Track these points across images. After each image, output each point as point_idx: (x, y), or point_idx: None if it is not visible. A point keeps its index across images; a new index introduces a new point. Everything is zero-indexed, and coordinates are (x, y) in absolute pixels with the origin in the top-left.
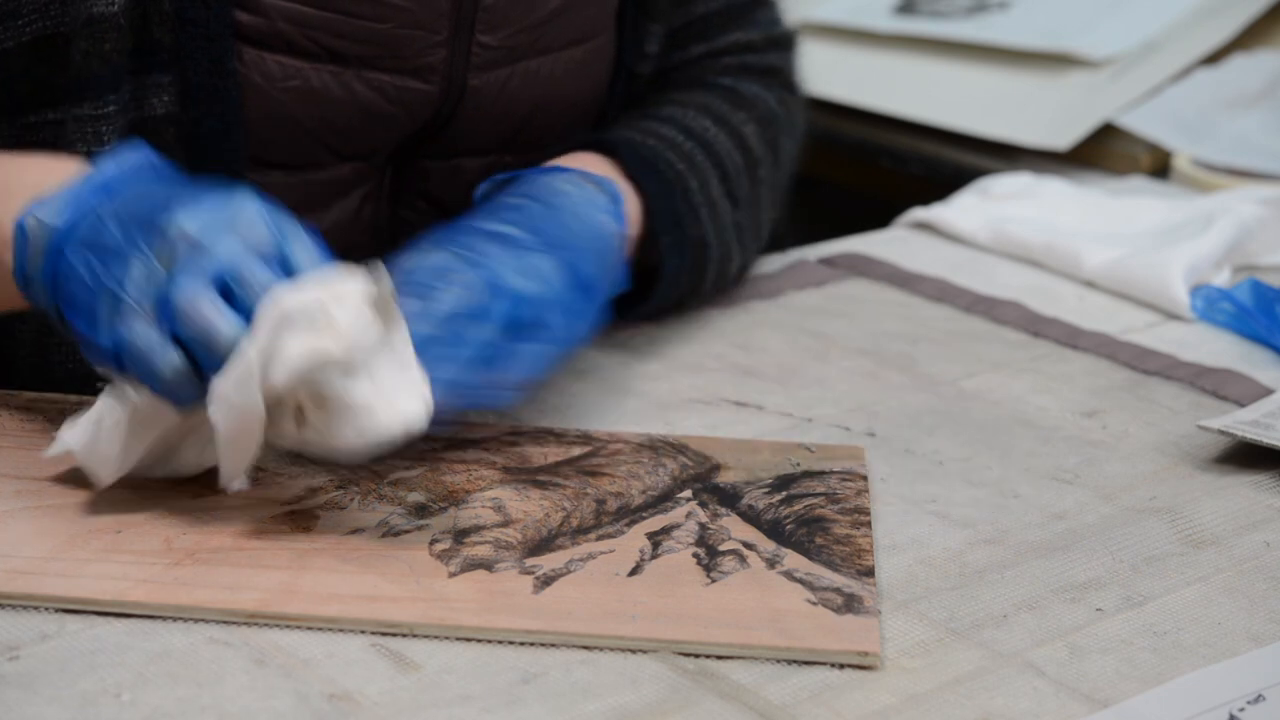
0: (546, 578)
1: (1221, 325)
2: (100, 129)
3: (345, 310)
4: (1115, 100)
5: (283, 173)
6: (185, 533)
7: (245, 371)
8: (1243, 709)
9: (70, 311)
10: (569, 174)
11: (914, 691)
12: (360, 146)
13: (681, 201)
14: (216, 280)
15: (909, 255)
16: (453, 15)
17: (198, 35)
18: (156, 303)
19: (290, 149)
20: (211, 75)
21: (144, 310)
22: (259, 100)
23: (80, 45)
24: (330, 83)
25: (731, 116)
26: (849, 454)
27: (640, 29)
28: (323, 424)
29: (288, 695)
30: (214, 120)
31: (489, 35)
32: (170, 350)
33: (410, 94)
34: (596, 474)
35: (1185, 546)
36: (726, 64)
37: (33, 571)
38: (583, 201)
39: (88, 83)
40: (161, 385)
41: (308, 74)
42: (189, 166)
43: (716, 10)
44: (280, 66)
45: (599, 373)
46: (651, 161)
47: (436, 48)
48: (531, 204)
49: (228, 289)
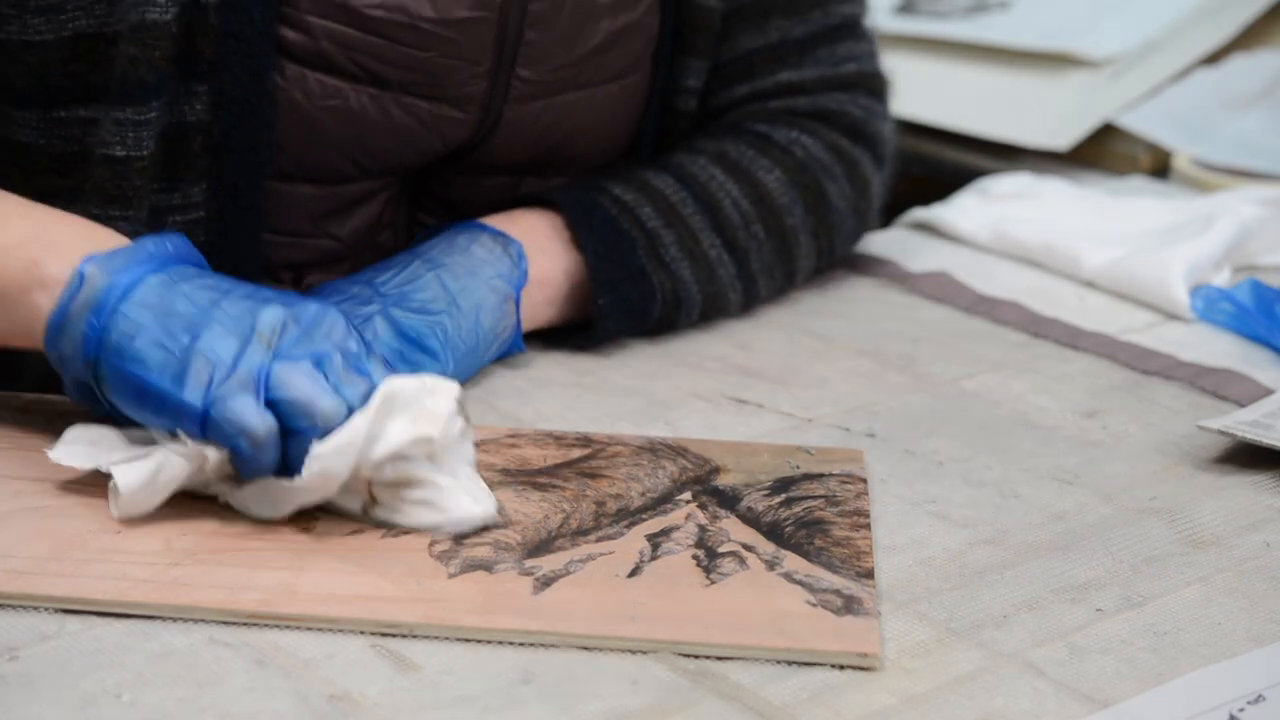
0: (546, 579)
1: (1221, 325)
2: (140, 134)
3: (441, 403)
4: (1115, 100)
5: (310, 185)
6: (185, 533)
7: (349, 440)
8: (1243, 709)
9: (134, 367)
10: (482, 234)
11: (914, 692)
12: (390, 165)
13: (625, 264)
14: (315, 364)
15: (909, 255)
16: (496, 48)
17: (239, 50)
18: (258, 372)
19: (320, 164)
20: (247, 90)
21: (244, 376)
22: (296, 116)
23: (129, 50)
24: (368, 105)
25: (753, 164)
26: (848, 457)
27: (678, 64)
28: (395, 504)
29: (288, 696)
30: (244, 134)
31: (529, 69)
32: (268, 414)
33: (446, 121)
34: (596, 476)
35: (1185, 546)
36: (773, 108)
37: (32, 572)
38: (483, 263)
39: (133, 87)
40: (251, 447)
41: (347, 94)
42: (211, 175)
43: (763, 47)
44: (321, 85)
45: (599, 373)
46: (600, 226)
47: (477, 79)
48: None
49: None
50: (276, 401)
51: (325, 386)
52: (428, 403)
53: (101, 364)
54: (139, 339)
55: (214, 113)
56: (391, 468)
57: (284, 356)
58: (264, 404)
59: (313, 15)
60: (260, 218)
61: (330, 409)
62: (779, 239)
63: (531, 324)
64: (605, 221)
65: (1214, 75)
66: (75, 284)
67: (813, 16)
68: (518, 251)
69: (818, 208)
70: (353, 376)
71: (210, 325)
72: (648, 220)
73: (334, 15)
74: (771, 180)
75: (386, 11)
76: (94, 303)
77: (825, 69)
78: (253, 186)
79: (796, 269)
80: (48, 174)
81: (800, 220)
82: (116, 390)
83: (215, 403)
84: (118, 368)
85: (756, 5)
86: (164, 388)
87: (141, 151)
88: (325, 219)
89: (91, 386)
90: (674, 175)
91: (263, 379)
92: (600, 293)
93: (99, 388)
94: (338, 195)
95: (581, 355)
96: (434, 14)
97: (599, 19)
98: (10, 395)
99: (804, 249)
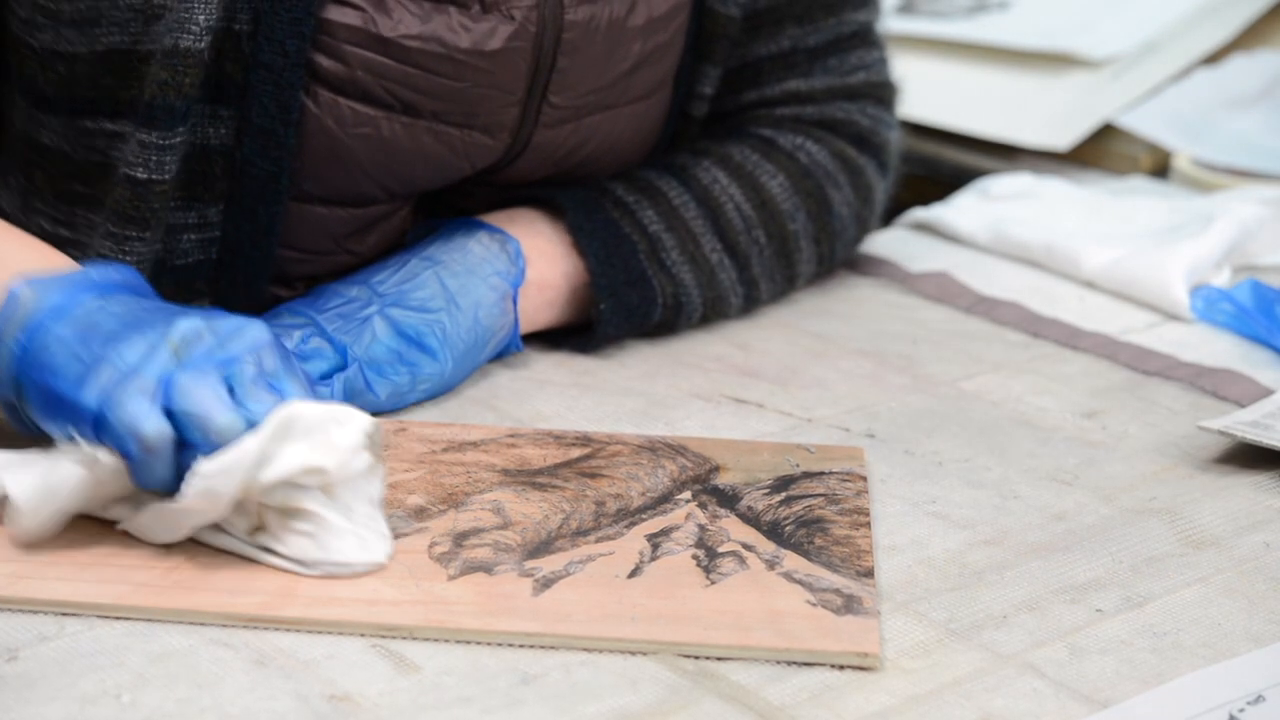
0: (546, 580)
1: (1221, 326)
2: (164, 158)
3: (346, 436)
4: (1115, 100)
5: (335, 208)
6: None
7: (236, 461)
8: (1243, 709)
9: (47, 376)
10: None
11: (914, 692)
12: (415, 189)
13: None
14: (223, 378)
15: (909, 255)
16: (529, 77)
17: (268, 79)
18: (159, 378)
19: (347, 189)
20: (273, 119)
21: (143, 381)
22: (326, 142)
23: (160, 74)
24: (400, 133)
25: (757, 169)
26: (848, 455)
27: (696, 73)
28: (282, 533)
29: (288, 697)
30: (266, 160)
31: (560, 96)
32: (163, 419)
33: (476, 148)
34: (595, 476)
35: (1185, 547)
36: (780, 114)
37: (33, 575)
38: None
39: (160, 112)
40: (141, 452)
41: (379, 122)
42: (230, 198)
43: (774, 54)
44: (353, 113)
45: (599, 373)
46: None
47: (509, 107)
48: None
49: (229, 389)
50: (174, 412)
51: (226, 401)
52: (332, 433)
53: (21, 379)
54: (57, 351)
55: (237, 138)
56: (281, 494)
57: (189, 366)
58: (162, 411)
59: (348, 44)
60: (275, 238)
61: (224, 424)
62: (780, 244)
63: (531, 325)
64: (606, 224)
65: (1214, 75)
66: (9, 306)
67: (827, 25)
68: (515, 249)
69: (820, 214)
70: (261, 393)
71: (124, 333)
72: (649, 224)
73: (369, 45)
74: (775, 185)
75: (422, 42)
76: (24, 321)
77: (835, 78)
78: (270, 210)
79: (797, 274)
80: (71, 180)
81: (802, 226)
82: (33, 402)
83: (109, 403)
84: (34, 379)
85: (772, 13)
86: (65, 390)
87: (164, 175)
88: (347, 238)
89: (15, 406)
90: (677, 177)
91: (162, 386)
92: (601, 297)
93: (21, 406)
94: (361, 216)
95: (581, 356)
96: (469, 45)
97: (630, 43)
98: None
99: (805, 254)
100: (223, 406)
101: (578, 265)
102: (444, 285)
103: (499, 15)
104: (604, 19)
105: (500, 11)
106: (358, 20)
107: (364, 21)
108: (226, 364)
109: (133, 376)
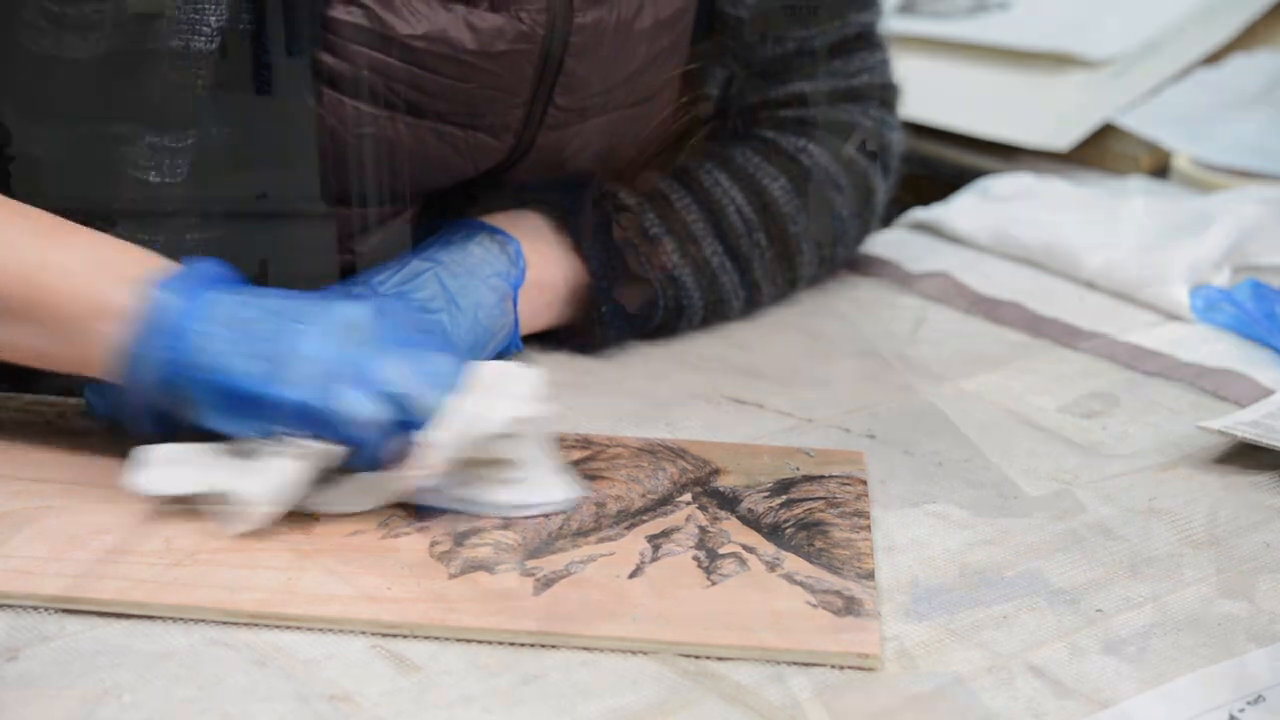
0: (547, 579)
1: (1221, 326)
2: (176, 161)
3: (527, 386)
4: (1115, 100)
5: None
6: (185, 533)
7: (462, 426)
8: (1243, 709)
9: (220, 377)
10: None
11: (914, 692)
12: (418, 189)
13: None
14: (405, 354)
15: (909, 255)
16: (535, 79)
17: (274, 79)
18: (356, 365)
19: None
20: (277, 120)
21: (345, 370)
22: (329, 142)
23: (171, 76)
24: (404, 133)
25: (759, 171)
26: (848, 458)
27: (701, 75)
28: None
29: (288, 696)
30: (270, 161)
31: (565, 98)
32: (380, 403)
33: (480, 148)
34: (596, 477)
35: (1185, 546)
36: (784, 116)
37: (33, 572)
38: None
39: (172, 114)
40: (367, 436)
41: (383, 122)
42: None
43: (779, 56)
44: (358, 112)
45: (599, 373)
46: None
47: (514, 109)
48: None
49: None
50: (381, 395)
51: (424, 377)
52: (512, 386)
53: (186, 384)
54: (223, 351)
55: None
56: (494, 448)
57: (380, 350)
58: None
59: (355, 43)
60: None
61: (431, 400)
62: (782, 247)
63: (531, 326)
64: (608, 227)
65: (1214, 75)
66: (149, 311)
67: (831, 27)
68: (515, 250)
69: (822, 217)
70: (438, 360)
71: (292, 326)
72: (650, 226)
73: (376, 44)
74: (777, 188)
75: (429, 42)
76: (169, 326)
77: (838, 81)
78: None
79: (799, 276)
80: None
81: (804, 229)
82: (206, 403)
83: (321, 396)
84: (202, 380)
85: (777, 15)
86: (255, 388)
87: (176, 178)
88: (349, 237)
89: (166, 412)
90: (679, 180)
91: (364, 372)
92: (602, 300)
93: (183, 410)
94: (364, 216)
95: (582, 356)
96: (476, 46)
97: (637, 45)
98: (10, 395)
99: (807, 257)
100: (423, 383)
101: (579, 267)
102: (444, 286)
103: (507, 16)
104: (612, 21)
105: (508, 13)
106: (364, 20)
107: (371, 21)
108: (404, 343)
109: (335, 367)
